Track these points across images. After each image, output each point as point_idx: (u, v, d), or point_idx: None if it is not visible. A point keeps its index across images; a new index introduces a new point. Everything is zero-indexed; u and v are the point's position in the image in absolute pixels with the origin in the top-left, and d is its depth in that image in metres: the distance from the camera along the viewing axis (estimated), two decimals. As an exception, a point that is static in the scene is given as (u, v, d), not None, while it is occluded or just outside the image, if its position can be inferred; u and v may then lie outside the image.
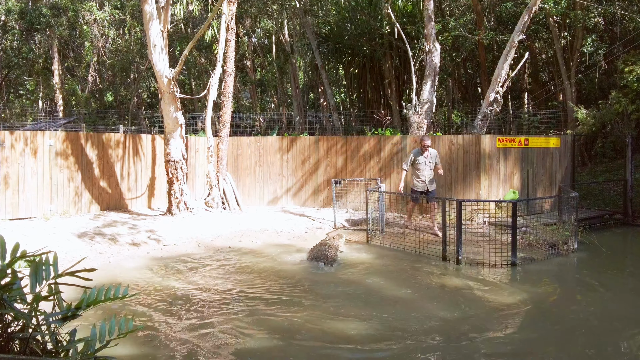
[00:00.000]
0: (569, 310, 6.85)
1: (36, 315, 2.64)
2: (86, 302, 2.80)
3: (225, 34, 14.33)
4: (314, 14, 25.09)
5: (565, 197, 11.02)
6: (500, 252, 9.21)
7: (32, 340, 2.63)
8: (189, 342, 5.60)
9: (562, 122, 20.57)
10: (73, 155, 12.67)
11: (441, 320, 6.35)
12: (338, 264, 9.02)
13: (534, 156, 14.12)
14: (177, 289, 7.57)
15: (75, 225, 11.18)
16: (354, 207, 14.57)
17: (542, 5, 16.73)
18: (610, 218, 13.66)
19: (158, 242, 10.70)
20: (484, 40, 20.21)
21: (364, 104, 25.53)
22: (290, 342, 5.60)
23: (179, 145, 13.03)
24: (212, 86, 14.21)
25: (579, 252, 10.01)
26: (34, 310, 2.63)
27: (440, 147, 14.11)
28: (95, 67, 26.90)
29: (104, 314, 6.10)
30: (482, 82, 22.76)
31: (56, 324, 2.68)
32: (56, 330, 2.69)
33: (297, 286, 7.76)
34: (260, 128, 24.23)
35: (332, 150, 15.19)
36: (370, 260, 9.61)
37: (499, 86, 14.65)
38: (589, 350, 5.48)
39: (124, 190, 13.80)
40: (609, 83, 20.80)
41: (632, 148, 13.90)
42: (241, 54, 26.80)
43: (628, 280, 8.66)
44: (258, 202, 15.65)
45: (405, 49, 18.14)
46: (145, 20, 12.14)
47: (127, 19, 24.70)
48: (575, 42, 19.86)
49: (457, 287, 7.84)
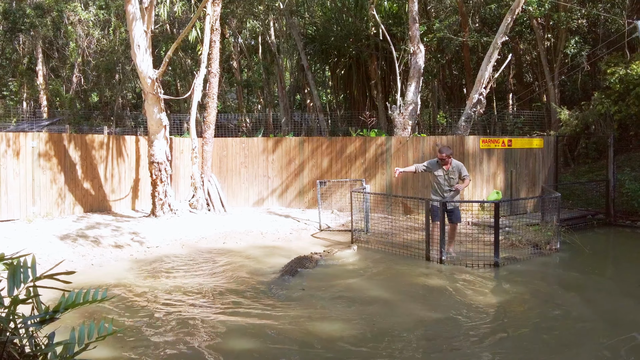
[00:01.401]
0: (549, 311, 6.92)
1: (14, 318, 2.63)
2: (64, 305, 2.79)
3: (210, 35, 14.30)
4: (300, 15, 25.11)
5: (547, 198, 11.14)
6: (484, 252, 9.28)
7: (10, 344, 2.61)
8: (169, 344, 5.59)
9: (545, 123, 20.79)
10: (56, 157, 12.58)
11: (423, 321, 6.40)
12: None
13: (517, 157, 14.26)
14: (159, 291, 7.54)
15: (58, 227, 11.10)
16: (339, 208, 14.61)
17: (525, 7, 16.91)
18: (593, 218, 13.81)
19: (142, 244, 10.66)
20: (469, 41, 20.39)
21: (350, 105, 25.61)
22: (273, 344, 5.61)
23: (163, 147, 12.98)
24: (197, 87, 14.17)
25: (562, 252, 10.11)
26: (11, 314, 2.62)
27: (425, 147, 14.21)
28: (79, 67, 26.70)
29: (84, 317, 6.08)
30: (467, 84, 22.93)
31: (34, 327, 2.67)
32: (34, 334, 2.69)
33: (277, 288, 7.73)
34: (247, 129, 24.20)
35: (318, 151, 15.21)
36: (353, 261, 9.63)
37: (483, 87, 14.78)
38: (570, 350, 5.56)
39: (107, 191, 13.72)
40: (592, 84, 21.06)
41: (614, 149, 14.08)
42: (227, 55, 26.74)
43: (609, 281, 8.75)
44: (243, 203, 15.64)
45: (391, 50, 18.23)
46: (129, 21, 12.09)
47: (112, 20, 24.54)
48: (559, 43, 20.08)
49: (440, 288, 7.89)
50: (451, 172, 9.60)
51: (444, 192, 9.64)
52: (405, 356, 5.40)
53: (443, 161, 9.55)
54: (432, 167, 9.74)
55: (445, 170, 9.60)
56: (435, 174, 9.70)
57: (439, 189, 9.70)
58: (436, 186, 9.76)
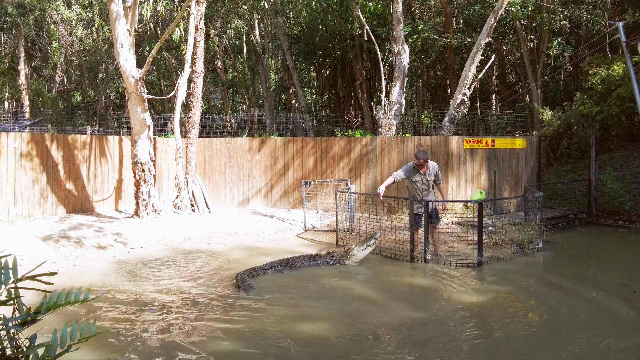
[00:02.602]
0: (531, 310, 7.00)
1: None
2: (46, 306, 2.77)
3: (194, 34, 14.24)
4: (285, 15, 25.10)
5: (530, 197, 11.25)
6: (467, 251, 9.34)
7: (-10, 346, 2.59)
8: (152, 346, 5.56)
9: (528, 124, 21.00)
10: (38, 157, 12.44)
11: (407, 320, 6.42)
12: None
13: (500, 157, 14.38)
14: (142, 292, 7.49)
15: (41, 228, 10.97)
16: (325, 208, 14.63)
17: (509, 9, 17.07)
18: (575, 217, 13.98)
19: (125, 245, 10.58)
20: (453, 42, 20.53)
21: (335, 105, 25.65)
22: (257, 345, 5.60)
23: (147, 147, 12.90)
24: (181, 87, 14.11)
25: (544, 251, 10.22)
26: (-9, 316, 2.59)
27: (409, 148, 14.27)
28: (62, 67, 26.46)
29: (66, 319, 6.02)
30: (451, 84, 23.08)
31: (15, 329, 2.64)
32: (15, 336, 2.66)
33: (261, 289, 7.72)
34: (232, 129, 24.13)
35: (303, 152, 15.22)
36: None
37: (466, 88, 14.88)
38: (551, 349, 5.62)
39: (90, 192, 13.60)
40: (574, 85, 21.31)
41: (596, 149, 14.26)
42: (212, 55, 26.64)
43: (591, 279, 8.87)
44: (228, 203, 15.59)
45: (375, 50, 18.29)
46: (112, 20, 12.00)
47: (95, 19, 24.33)
48: (542, 44, 20.30)
49: (424, 287, 7.94)
50: (428, 174, 9.56)
51: (423, 196, 9.56)
52: (388, 355, 5.43)
53: (420, 166, 9.45)
54: (410, 174, 9.59)
55: (422, 174, 9.54)
56: (413, 180, 9.59)
57: (418, 194, 9.59)
58: (415, 192, 9.63)
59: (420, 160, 9.39)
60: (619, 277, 8.68)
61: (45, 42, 25.99)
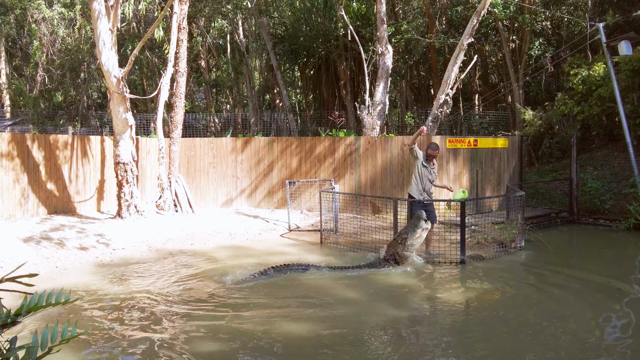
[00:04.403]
0: (513, 307, 7.07)
1: (-28, 323, 2.58)
2: (27, 308, 2.74)
3: (177, 34, 14.16)
4: (269, 15, 25.05)
5: (512, 196, 11.37)
6: (450, 250, 9.41)
7: (-32, 349, 2.56)
8: (134, 347, 5.53)
9: (510, 124, 21.20)
10: (19, 157, 12.28)
11: (390, 320, 6.46)
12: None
13: (482, 156, 14.51)
14: (124, 293, 7.43)
15: (22, 229, 10.83)
16: (309, 208, 14.64)
17: (491, 10, 17.22)
18: (557, 216, 14.15)
19: (107, 246, 10.49)
20: (436, 43, 20.65)
21: (319, 105, 25.66)
22: (241, 346, 5.59)
23: (129, 147, 12.81)
24: (164, 86, 14.03)
25: (526, 250, 10.34)
26: (-30, 318, 2.56)
27: (393, 148, 14.33)
28: (44, 66, 26.15)
29: (47, 321, 5.96)
30: (434, 84, 23.22)
31: (-6, 332, 2.61)
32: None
33: (243, 289, 7.71)
34: (215, 129, 24.03)
35: (287, 151, 15.21)
36: (321, 260, 9.66)
37: (449, 88, 14.98)
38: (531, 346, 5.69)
39: (72, 193, 13.45)
40: (555, 85, 21.56)
41: (577, 148, 14.45)
42: (195, 54, 26.51)
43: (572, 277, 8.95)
44: (212, 204, 15.53)
45: (359, 51, 18.34)
46: (94, 18, 11.91)
47: (77, 18, 24.08)
48: (523, 45, 20.50)
49: (407, 286, 7.98)
50: (433, 169, 9.71)
51: (426, 187, 9.62)
52: (372, 354, 5.45)
53: (433, 157, 9.57)
54: (423, 158, 9.59)
55: (430, 166, 9.64)
56: (424, 164, 9.56)
57: (422, 182, 9.58)
58: (421, 180, 9.57)
59: (435, 152, 9.53)
60: (600, 274, 8.80)
61: (27, 41, 25.67)
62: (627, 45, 13.89)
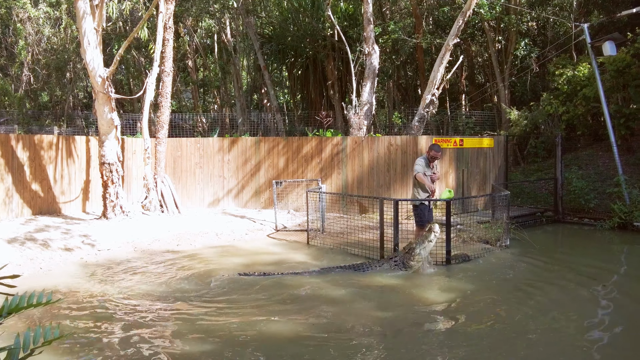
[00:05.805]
0: (497, 306, 7.11)
1: (-49, 325, 2.55)
2: (8, 309, 2.72)
3: (163, 33, 14.08)
4: (256, 15, 25.00)
5: (498, 196, 11.44)
6: (435, 249, 9.44)
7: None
8: (119, 349, 5.49)
9: (496, 123, 21.32)
10: (3, 158, 12.14)
11: (375, 320, 6.48)
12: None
13: (468, 156, 14.58)
14: (108, 295, 7.38)
15: (6, 230, 10.72)
16: (296, 207, 14.63)
17: (477, 10, 17.32)
18: (542, 215, 14.26)
19: (92, 246, 10.42)
20: (422, 43, 20.72)
21: (307, 105, 25.64)
22: (228, 346, 5.57)
23: (114, 147, 12.73)
24: (149, 86, 13.95)
25: (512, 249, 10.40)
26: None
27: (379, 147, 14.36)
28: (29, 66, 25.88)
29: (30, 323, 5.92)
30: (421, 84, 23.30)
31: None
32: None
33: (230, 290, 7.69)
34: (203, 129, 23.94)
35: (274, 151, 15.19)
36: (307, 260, 9.66)
37: (435, 88, 15.05)
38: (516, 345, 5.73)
39: (57, 193, 13.34)
40: (541, 85, 21.71)
41: (562, 148, 14.56)
42: (182, 54, 26.39)
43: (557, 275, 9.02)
44: (198, 204, 15.48)
45: (347, 51, 18.36)
46: (79, 17, 11.83)
47: (63, 17, 23.88)
48: (509, 45, 20.63)
49: (392, 286, 7.99)
50: (436, 168, 9.74)
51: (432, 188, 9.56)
52: (358, 355, 5.46)
53: (434, 159, 9.53)
54: (426, 168, 9.50)
55: (431, 168, 9.62)
56: (427, 173, 9.47)
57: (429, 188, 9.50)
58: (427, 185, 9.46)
59: (438, 154, 9.53)
60: (585, 273, 8.90)
61: (12, 41, 25.40)
62: (612, 46, 14.02)
